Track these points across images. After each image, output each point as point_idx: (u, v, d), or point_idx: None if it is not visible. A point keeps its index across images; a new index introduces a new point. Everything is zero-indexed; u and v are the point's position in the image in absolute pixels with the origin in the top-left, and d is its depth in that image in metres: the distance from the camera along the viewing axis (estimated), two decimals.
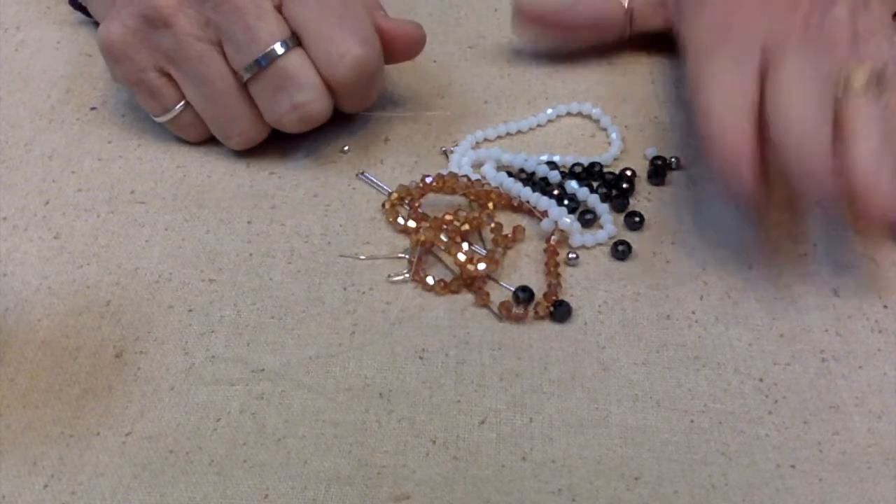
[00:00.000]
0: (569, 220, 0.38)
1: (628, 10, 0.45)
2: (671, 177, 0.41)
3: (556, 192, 0.40)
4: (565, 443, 0.31)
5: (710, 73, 0.36)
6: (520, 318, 0.35)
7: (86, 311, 0.36)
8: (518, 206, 0.40)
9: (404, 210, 0.40)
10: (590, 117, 0.45)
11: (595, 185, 0.41)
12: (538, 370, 0.34)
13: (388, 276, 0.37)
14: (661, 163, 0.41)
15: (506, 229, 0.38)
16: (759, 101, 0.35)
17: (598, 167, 0.41)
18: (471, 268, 0.36)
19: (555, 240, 0.38)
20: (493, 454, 0.31)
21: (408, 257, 0.38)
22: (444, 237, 0.37)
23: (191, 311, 0.36)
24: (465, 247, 0.37)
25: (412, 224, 0.38)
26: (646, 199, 0.40)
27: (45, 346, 0.34)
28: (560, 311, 0.35)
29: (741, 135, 0.34)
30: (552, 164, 0.41)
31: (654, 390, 0.33)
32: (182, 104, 0.41)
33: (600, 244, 0.38)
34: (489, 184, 0.40)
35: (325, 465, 0.31)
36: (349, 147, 0.43)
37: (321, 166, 0.42)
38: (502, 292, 0.37)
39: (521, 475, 0.30)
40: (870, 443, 0.31)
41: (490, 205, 0.39)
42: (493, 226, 0.38)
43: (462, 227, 0.38)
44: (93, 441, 0.31)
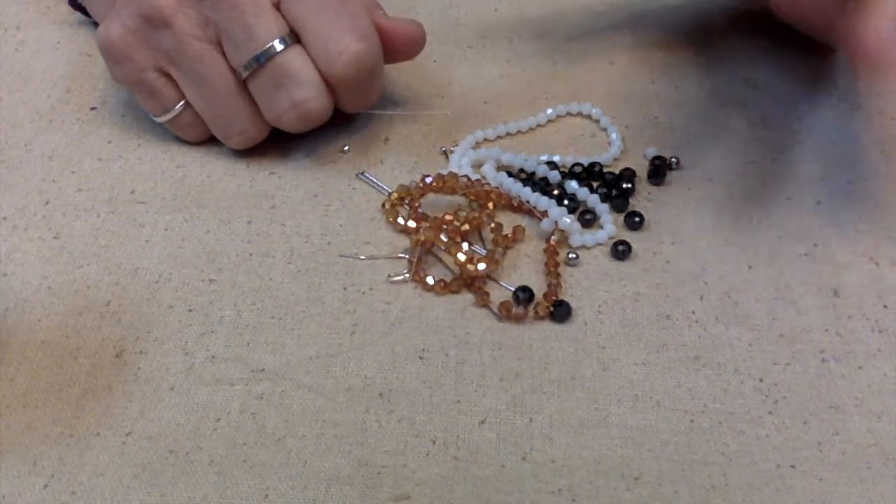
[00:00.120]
0: (569, 220, 0.38)
1: None
2: (671, 177, 0.41)
3: (556, 192, 0.40)
4: (565, 443, 0.31)
5: None
6: (520, 318, 0.35)
7: (86, 311, 0.36)
8: (518, 206, 0.40)
9: (404, 210, 0.40)
10: (590, 117, 0.45)
11: (595, 185, 0.41)
12: (538, 370, 0.34)
13: (388, 276, 0.37)
14: (661, 163, 0.41)
15: (506, 229, 0.38)
16: None
17: (598, 167, 0.41)
18: (471, 268, 0.36)
19: (555, 240, 0.38)
20: (493, 454, 0.31)
21: (408, 257, 0.38)
22: (444, 237, 0.37)
23: (191, 311, 0.36)
24: (465, 247, 0.37)
25: (412, 224, 0.38)
26: (646, 199, 0.40)
27: (45, 346, 0.34)
28: (560, 311, 0.35)
29: None
30: (552, 164, 0.41)
31: (654, 390, 0.33)
32: (182, 104, 0.41)
33: (600, 244, 0.38)
34: (489, 184, 0.40)
35: (325, 465, 0.31)
36: (349, 147, 0.43)
37: (321, 166, 0.42)
38: (502, 292, 0.37)
39: (521, 475, 0.30)
40: (870, 443, 0.31)
41: (490, 205, 0.39)
42: (493, 226, 0.38)
43: (462, 227, 0.38)
44: (93, 441, 0.31)
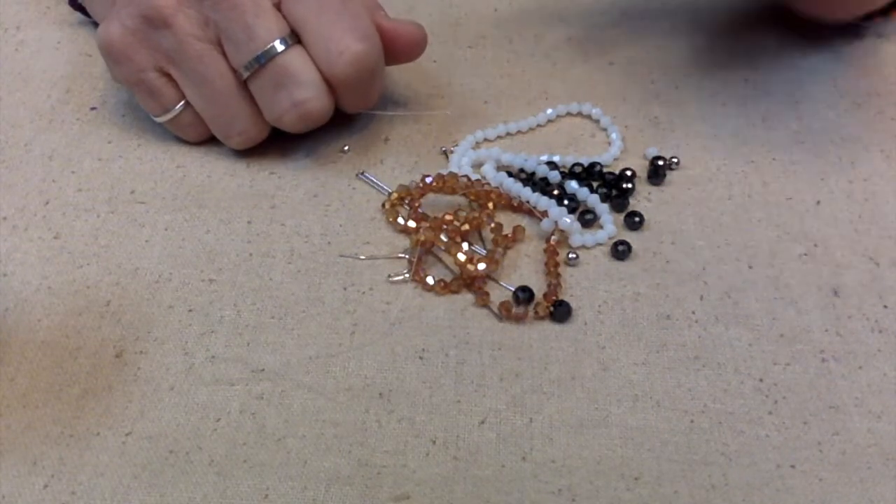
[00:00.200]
0: (569, 220, 0.38)
1: None
2: (671, 177, 0.41)
3: (556, 192, 0.40)
4: (565, 443, 0.31)
5: None
6: (520, 318, 0.35)
7: (86, 311, 0.36)
8: (518, 206, 0.40)
9: (404, 210, 0.40)
10: (590, 117, 0.45)
11: (595, 185, 0.41)
12: (538, 370, 0.34)
13: (388, 276, 0.37)
14: (661, 163, 0.41)
15: (506, 229, 0.38)
16: None
17: (598, 167, 0.41)
18: (471, 268, 0.36)
19: (555, 240, 0.38)
20: (493, 454, 0.31)
21: (408, 257, 0.38)
22: (444, 237, 0.37)
23: (191, 311, 0.36)
24: (465, 247, 0.37)
25: (412, 224, 0.38)
26: (646, 199, 0.40)
27: (45, 346, 0.34)
28: (560, 311, 0.35)
29: None
30: (552, 164, 0.41)
31: (654, 390, 0.33)
32: (182, 104, 0.41)
33: (600, 244, 0.38)
34: (489, 184, 0.40)
35: (325, 465, 0.31)
36: (349, 147, 0.43)
37: (321, 166, 0.42)
38: (502, 292, 0.37)
39: (521, 475, 0.30)
40: (870, 443, 0.31)
41: (490, 205, 0.39)
42: (493, 226, 0.38)
43: (462, 227, 0.38)
44: (93, 441, 0.31)
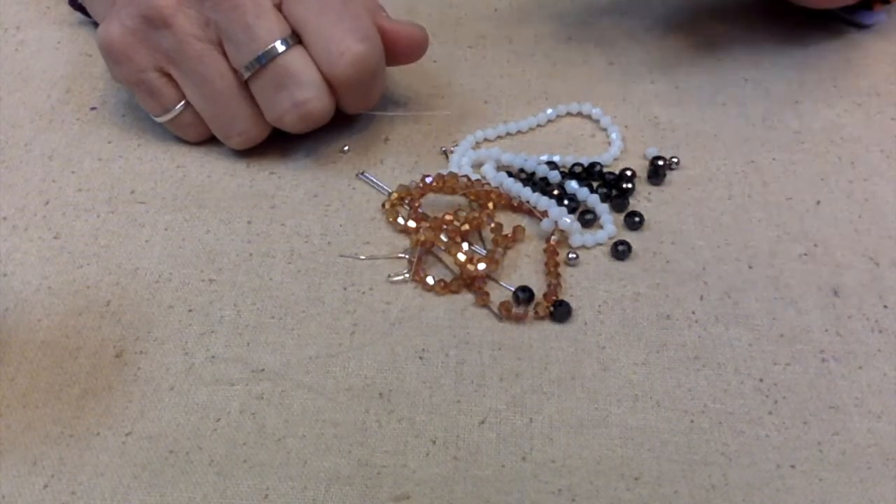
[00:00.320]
0: (569, 220, 0.38)
1: None
2: (671, 177, 0.41)
3: (556, 192, 0.40)
4: (565, 443, 0.31)
5: None
6: (520, 318, 0.35)
7: (86, 311, 0.36)
8: (518, 206, 0.40)
9: (404, 210, 0.40)
10: (590, 117, 0.45)
11: (595, 185, 0.41)
12: (538, 370, 0.34)
13: (388, 276, 0.37)
14: (661, 163, 0.41)
15: (506, 229, 0.38)
16: None
17: (598, 167, 0.41)
18: (471, 268, 0.36)
19: (555, 240, 0.38)
20: (493, 454, 0.31)
21: (408, 257, 0.38)
22: (444, 237, 0.37)
23: (191, 311, 0.36)
24: (465, 247, 0.37)
25: (412, 224, 0.38)
26: (646, 199, 0.40)
27: (45, 346, 0.34)
28: (560, 311, 0.35)
29: None
30: (552, 164, 0.41)
31: (654, 390, 0.33)
32: (182, 104, 0.41)
33: (600, 244, 0.38)
34: (489, 184, 0.40)
35: (325, 465, 0.31)
36: (349, 147, 0.43)
37: (321, 166, 0.42)
38: (502, 292, 0.37)
39: (521, 475, 0.30)
40: (870, 443, 0.31)
41: (490, 205, 0.39)
42: (493, 226, 0.38)
43: (462, 227, 0.38)
44: (93, 441, 0.31)
